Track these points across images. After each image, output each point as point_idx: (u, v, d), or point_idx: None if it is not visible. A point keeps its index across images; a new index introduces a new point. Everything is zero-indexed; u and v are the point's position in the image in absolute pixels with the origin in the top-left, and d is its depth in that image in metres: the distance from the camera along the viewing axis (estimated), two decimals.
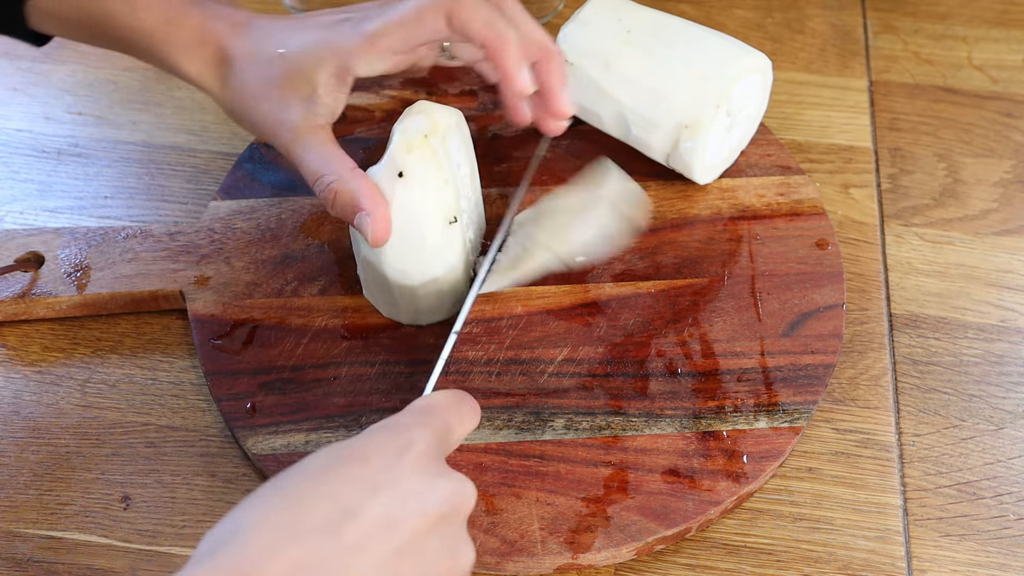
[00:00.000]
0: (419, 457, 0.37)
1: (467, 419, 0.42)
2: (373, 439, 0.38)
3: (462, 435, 0.42)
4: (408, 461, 0.37)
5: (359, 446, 0.37)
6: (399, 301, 0.54)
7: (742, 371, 0.54)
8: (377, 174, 0.52)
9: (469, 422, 0.42)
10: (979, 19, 0.77)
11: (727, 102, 0.58)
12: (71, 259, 0.59)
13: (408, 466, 0.37)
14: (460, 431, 0.41)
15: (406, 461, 0.37)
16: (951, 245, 0.62)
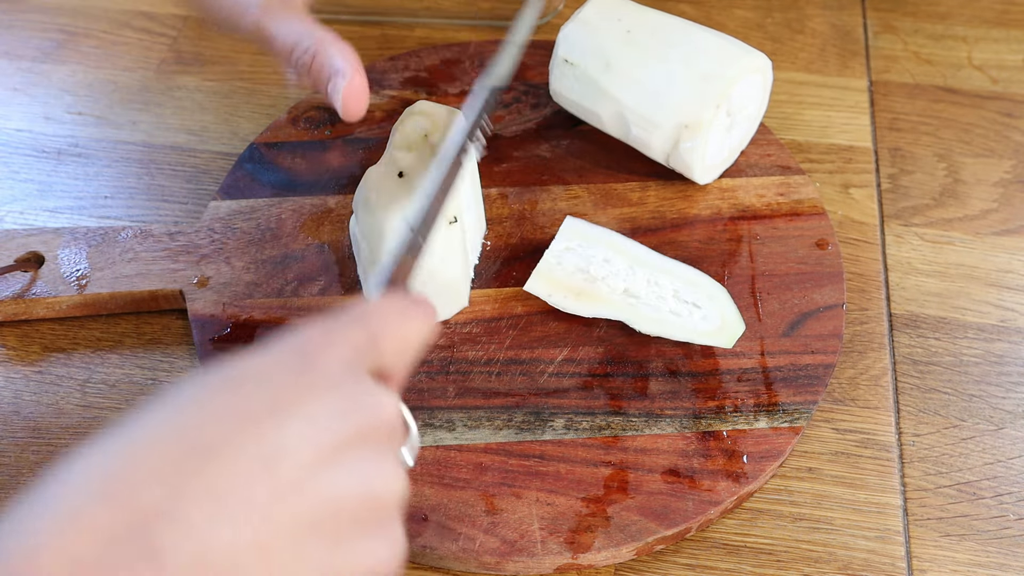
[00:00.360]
0: (319, 374, 0.31)
1: (408, 326, 0.35)
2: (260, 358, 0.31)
3: (403, 348, 0.34)
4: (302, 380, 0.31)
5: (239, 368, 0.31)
6: None
7: (742, 371, 0.54)
8: (377, 174, 0.52)
9: (412, 329, 0.35)
10: (979, 19, 0.77)
11: (727, 102, 0.58)
12: (71, 259, 0.59)
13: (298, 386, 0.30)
14: (397, 342, 0.34)
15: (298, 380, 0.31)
16: (951, 245, 0.62)
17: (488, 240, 0.60)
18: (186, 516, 0.27)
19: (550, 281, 0.55)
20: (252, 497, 0.28)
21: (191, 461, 0.28)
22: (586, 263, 0.55)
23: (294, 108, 0.68)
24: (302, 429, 0.29)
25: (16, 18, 0.77)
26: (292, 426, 0.29)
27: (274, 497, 0.28)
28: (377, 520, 0.31)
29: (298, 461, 0.29)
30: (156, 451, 0.28)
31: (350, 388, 0.31)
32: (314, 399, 0.30)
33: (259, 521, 0.28)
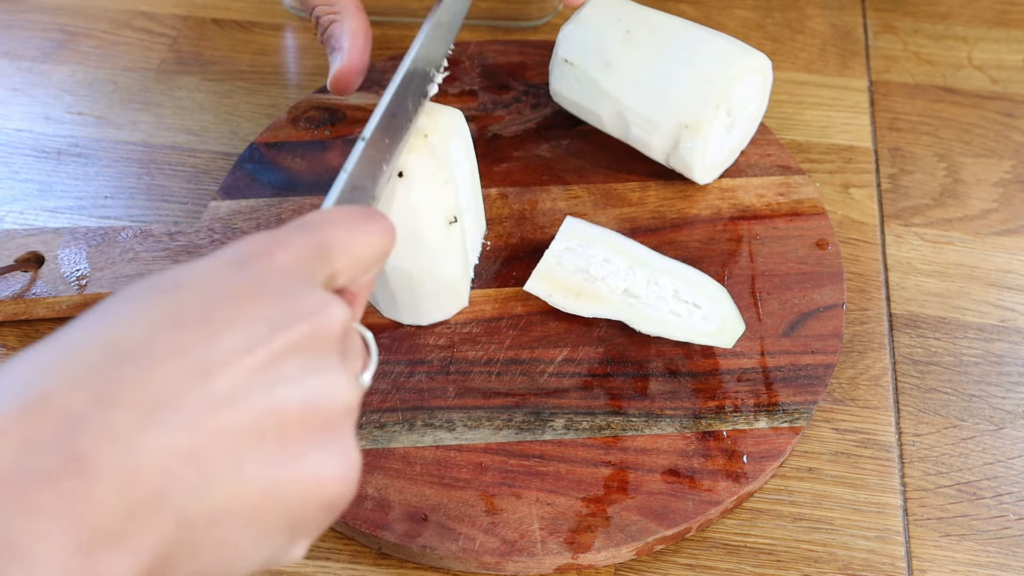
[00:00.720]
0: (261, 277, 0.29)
1: (365, 236, 0.33)
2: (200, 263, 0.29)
3: (358, 258, 0.32)
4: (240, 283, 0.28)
5: (176, 273, 0.29)
6: (399, 301, 0.54)
7: (742, 371, 0.54)
8: None
9: (368, 240, 0.33)
10: (979, 19, 0.77)
11: (727, 102, 0.58)
12: (71, 259, 0.59)
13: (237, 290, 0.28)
14: (352, 250, 0.32)
15: (236, 283, 0.28)
16: (951, 245, 0.62)
17: (488, 240, 0.60)
18: (111, 423, 0.24)
19: (550, 281, 0.55)
20: (184, 407, 0.26)
21: (116, 368, 0.25)
22: (586, 263, 0.55)
23: (294, 108, 0.68)
24: (237, 337, 0.27)
25: (16, 18, 0.77)
26: (227, 334, 0.27)
27: (208, 408, 0.26)
28: (324, 433, 0.29)
29: (233, 371, 0.27)
30: (78, 357, 0.25)
31: (293, 295, 0.29)
32: (252, 305, 0.28)
33: (192, 430, 0.26)
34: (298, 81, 0.73)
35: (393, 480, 0.49)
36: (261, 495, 0.27)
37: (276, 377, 0.27)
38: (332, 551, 0.49)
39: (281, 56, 0.75)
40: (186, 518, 0.25)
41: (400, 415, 0.52)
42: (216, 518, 0.26)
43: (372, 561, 0.49)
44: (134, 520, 0.24)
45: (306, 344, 0.28)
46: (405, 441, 0.51)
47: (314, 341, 0.29)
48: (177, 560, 0.25)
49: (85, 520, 0.23)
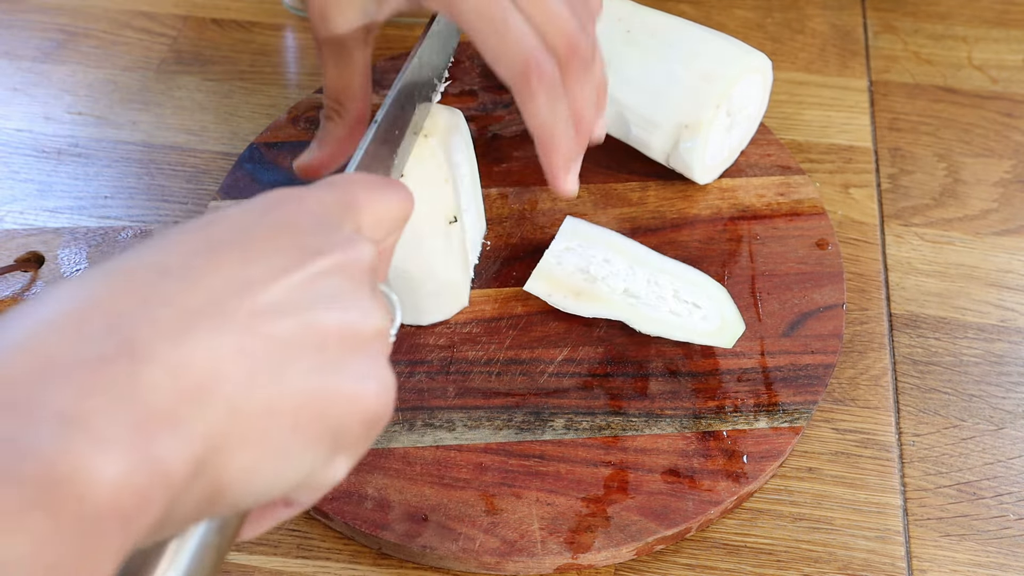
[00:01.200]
0: (291, 215, 0.31)
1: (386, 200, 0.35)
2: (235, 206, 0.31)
3: (381, 218, 0.34)
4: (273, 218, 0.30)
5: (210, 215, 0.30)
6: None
7: (742, 371, 0.54)
8: None
9: (388, 203, 0.35)
10: (979, 19, 0.77)
11: (727, 102, 0.58)
12: (71, 259, 0.59)
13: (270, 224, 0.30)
14: (376, 209, 0.34)
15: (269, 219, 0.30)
16: (951, 245, 0.62)
17: (488, 240, 0.60)
18: (160, 319, 0.25)
19: (550, 281, 0.55)
20: (228, 313, 0.27)
21: (161, 280, 0.27)
22: (586, 263, 0.55)
23: (294, 108, 0.68)
24: (274, 260, 0.29)
25: (16, 18, 0.77)
26: (264, 258, 0.29)
27: (251, 315, 0.27)
28: (361, 353, 0.30)
29: (273, 287, 0.28)
30: (122, 275, 0.27)
31: (324, 230, 0.31)
32: (286, 236, 0.30)
33: (237, 332, 0.27)
34: (298, 81, 0.73)
35: (393, 480, 0.49)
36: (304, 399, 0.28)
37: (313, 296, 0.29)
38: (332, 551, 0.49)
39: (281, 56, 0.75)
40: (235, 411, 0.26)
41: (400, 415, 0.52)
42: (262, 416, 0.27)
43: (372, 561, 0.49)
44: (186, 406, 0.25)
45: (339, 271, 0.30)
46: (405, 441, 0.51)
47: (346, 269, 0.30)
48: (227, 454, 0.26)
49: (140, 401, 0.24)
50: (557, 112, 0.45)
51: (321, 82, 0.72)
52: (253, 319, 0.27)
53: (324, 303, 0.29)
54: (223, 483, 0.26)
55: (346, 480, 0.49)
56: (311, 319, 0.28)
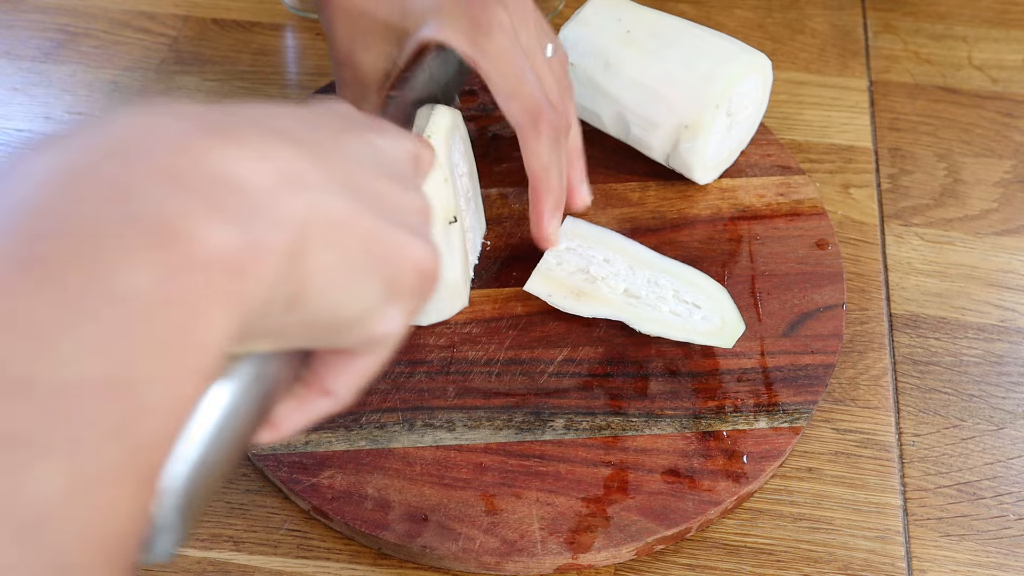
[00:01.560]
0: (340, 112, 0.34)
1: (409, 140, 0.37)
2: None
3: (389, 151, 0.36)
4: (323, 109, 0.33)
5: None
6: None
7: (742, 371, 0.54)
8: None
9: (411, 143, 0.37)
10: (979, 19, 0.77)
11: (727, 102, 0.58)
12: None
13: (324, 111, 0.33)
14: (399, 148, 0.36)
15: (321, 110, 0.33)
16: (951, 245, 0.62)
17: (488, 240, 0.60)
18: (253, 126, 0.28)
19: (550, 281, 0.55)
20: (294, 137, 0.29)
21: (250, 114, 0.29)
22: (586, 263, 0.55)
23: None
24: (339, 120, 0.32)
25: (16, 18, 0.77)
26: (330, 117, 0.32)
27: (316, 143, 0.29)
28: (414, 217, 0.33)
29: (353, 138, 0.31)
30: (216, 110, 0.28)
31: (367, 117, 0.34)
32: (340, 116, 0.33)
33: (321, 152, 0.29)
34: (298, 81, 0.73)
35: (393, 480, 0.49)
36: (369, 229, 0.29)
37: (380, 161, 0.32)
38: (332, 551, 0.49)
39: (281, 56, 0.75)
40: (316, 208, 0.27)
41: (400, 415, 0.52)
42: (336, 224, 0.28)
43: (372, 561, 0.49)
44: (279, 191, 0.26)
45: (389, 147, 0.33)
46: (405, 441, 0.51)
47: (395, 149, 0.34)
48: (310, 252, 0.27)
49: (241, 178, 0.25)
50: (556, 155, 0.51)
51: (321, 82, 0.72)
52: (323, 149, 0.29)
53: (388, 170, 0.32)
54: (305, 280, 0.27)
55: (346, 480, 0.49)
56: (379, 174, 0.31)
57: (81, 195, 0.23)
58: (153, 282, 0.23)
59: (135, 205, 0.23)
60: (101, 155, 0.24)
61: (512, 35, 0.49)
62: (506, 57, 0.49)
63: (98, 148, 0.24)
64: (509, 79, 0.49)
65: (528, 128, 0.50)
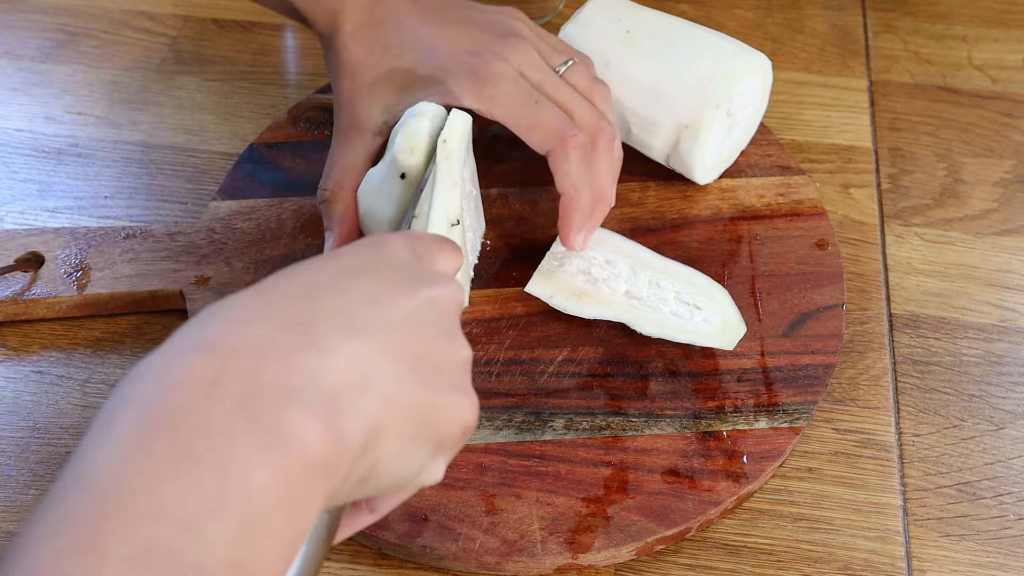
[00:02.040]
0: (395, 252, 0.37)
1: (447, 252, 0.41)
2: (349, 247, 0.37)
3: (444, 265, 0.40)
4: (384, 256, 0.37)
5: (335, 252, 0.37)
6: None
7: (742, 371, 0.54)
8: (378, 174, 0.52)
9: (450, 255, 0.41)
10: (979, 19, 0.77)
11: (727, 102, 0.58)
12: (71, 259, 0.59)
13: (384, 259, 0.36)
14: (443, 258, 0.40)
15: (382, 256, 0.36)
16: (951, 245, 0.62)
17: (488, 240, 0.60)
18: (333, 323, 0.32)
19: (552, 282, 0.55)
20: (372, 323, 0.33)
21: (317, 294, 0.33)
22: (588, 265, 0.55)
23: (294, 108, 0.68)
24: (395, 285, 0.35)
25: (16, 18, 0.77)
26: (388, 283, 0.35)
27: (387, 328, 0.33)
28: (459, 375, 0.36)
29: (398, 304, 0.34)
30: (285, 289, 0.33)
31: (418, 265, 0.37)
32: (397, 269, 0.36)
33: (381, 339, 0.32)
34: (298, 81, 0.73)
35: None
36: (426, 404, 0.33)
37: (424, 322, 0.35)
38: (332, 551, 0.49)
39: (281, 56, 0.75)
40: (386, 400, 0.31)
41: None
42: (403, 411, 0.32)
43: (372, 561, 0.49)
44: (358, 390, 0.31)
45: (437, 304, 0.36)
46: None
47: (441, 303, 0.36)
48: (381, 438, 0.31)
49: (330, 382, 0.30)
50: (584, 172, 0.53)
51: (321, 82, 0.72)
52: (388, 331, 0.33)
53: (430, 328, 0.35)
54: (375, 464, 0.32)
55: None
56: (427, 341, 0.34)
57: (212, 402, 0.28)
58: (272, 481, 0.27)
59: (254, 413, 0.28)
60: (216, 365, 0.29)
61: (515, 78, 0.53)
62: (514, 101, 0.52)
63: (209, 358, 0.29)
64: (524, 118, 0.52)
65: (555, 153, 0.53)
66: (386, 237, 0.38)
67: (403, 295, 0.34)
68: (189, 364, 0.29)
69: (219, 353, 0.29)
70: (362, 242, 0.38)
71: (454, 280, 0.38)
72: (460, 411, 0.35)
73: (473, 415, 0.36)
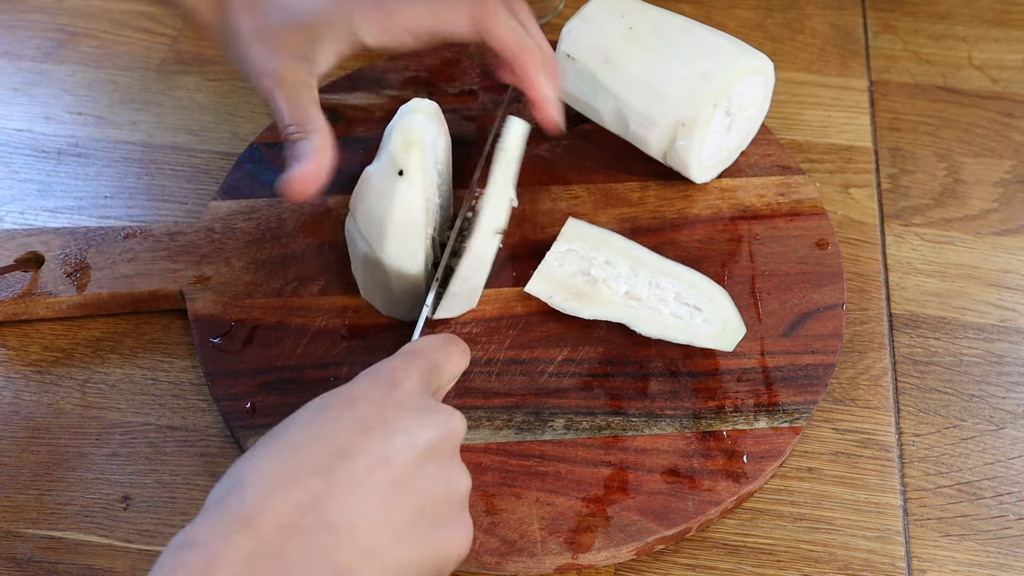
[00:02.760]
0: (405, 396, 0.40)
1: (455, 358, 0.44)
2: (360, 384, 0.40)
3: (452, 374, 0.44)
4: (394, 400, 0.39)
5: (346, 392, 0.39)
6: (400, 298, 0.54)
7: (742, 371, 0.54)
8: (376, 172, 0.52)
9: (458, 361, 0.44)
10: (979, 19, 0.77)
11: (726, 102, 0.58)
12: (71, 259, 0.59)
13: (394, 405, 0.39)
14: (450, 369, 0.44)
15: (392, 400, 0.39)
16: (951, 245, 0.62)
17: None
18: (340, 495, 0.36)
19: (551, 282, 0.55)
20: (379, 485, 0.36)
21: (333, 460, 0.36)
22: (587, 265, 0.55)
23: None
24: (403, 438, 0.38)
25: (16, 18, 0.78)
26: (396, 436, 0.38)
27: (394, 486, 0.37)
28: (456, 510, 0.40)
29: (404, 460, 0.37)
30: (305, 454, 0.37)
31: (427, 409, 0.40)
32: (406, 416, 0.39)
33: (386, 504, 0.36)
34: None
35: None
36: (424, 552, 0.38)
37: (427, 469, 0.38)
38: None
39: None
40: (384, 564, 0.36)
41: None
42: (399, 568, 0.37)
43: None
44: (360, 564, 0.35)
45: (441, 446, 0.39)
46: None
47: (446, 443, 0.40)
48: None
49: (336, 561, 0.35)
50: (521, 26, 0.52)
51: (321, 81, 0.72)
52: (394, 490, 0.37)
53: (434, 475, 0.38)
54: None
55: None
56: (428, 488, 0.38)
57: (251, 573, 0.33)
58: None
59: None
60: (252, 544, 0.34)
61: None
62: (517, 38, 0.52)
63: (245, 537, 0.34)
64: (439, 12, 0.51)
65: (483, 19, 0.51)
66: (399, 374, 0.40)
67: (409, 449, 0.38)
68: (230, 542, 0.34)
69: (253, 533, 0.34)
70: (376, 381, 0.40)
71: (455, 413, 0.41)
72: (455, 544, 0.39)
73: (467, 544, 0.40)
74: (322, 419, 0.38)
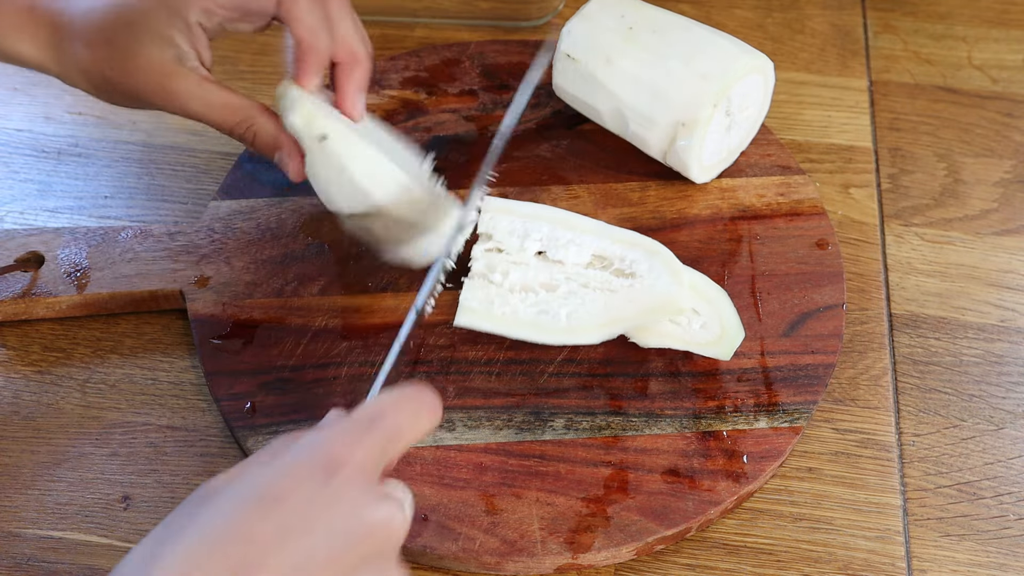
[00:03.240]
0: (342, 488, 0.35)
1: (422, 419, 0.39)
2: (291, 474, 0.35)
3: (415, 438, 0.39)
4: (326, 496, 0.35)
5: (279, 481, 0.35)
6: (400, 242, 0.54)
7: (742, 371, 0.54)
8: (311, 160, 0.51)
9: (425, 422, 0.39)
10: (979, 19, 0.77)
11: (726, 102, 0.58)
12: (71, 259, 0.59)
13: (325, 502, 0.35)
14: (412, 435, 0.38)
15: (323, 497, 0.35)
16: (951, 245, 0.62)
17: None
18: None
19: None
20: None
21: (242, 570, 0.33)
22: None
23: None
24: (325, 549, 0.34)
25: None
26: (318, 547, 0.34)
27: None
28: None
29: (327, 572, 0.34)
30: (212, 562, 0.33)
31: (366, 505, 0.35)
32: (340, 519, 0.35)
33: None
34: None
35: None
36: None
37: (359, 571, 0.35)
38: None
39: (281, 56, 0.75)
40: None
41: None
42: None
43: None
44: None
45: (376, 551, 0.36)
46: None
47: (382, 547, 0.36)
48: None
49: None
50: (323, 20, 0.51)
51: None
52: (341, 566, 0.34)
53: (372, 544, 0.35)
54: None
55: None
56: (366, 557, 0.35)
57: None
58: None
59: None
60: None
61: None
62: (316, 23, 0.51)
63: None
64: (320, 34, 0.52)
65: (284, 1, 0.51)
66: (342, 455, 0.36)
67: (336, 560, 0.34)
68: None
69: None
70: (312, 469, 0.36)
71: (401, 506, 0.37)
72: None
73: None
74: (246, 512, 0.34)
